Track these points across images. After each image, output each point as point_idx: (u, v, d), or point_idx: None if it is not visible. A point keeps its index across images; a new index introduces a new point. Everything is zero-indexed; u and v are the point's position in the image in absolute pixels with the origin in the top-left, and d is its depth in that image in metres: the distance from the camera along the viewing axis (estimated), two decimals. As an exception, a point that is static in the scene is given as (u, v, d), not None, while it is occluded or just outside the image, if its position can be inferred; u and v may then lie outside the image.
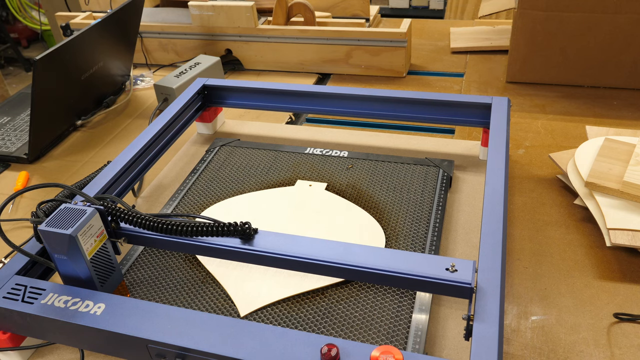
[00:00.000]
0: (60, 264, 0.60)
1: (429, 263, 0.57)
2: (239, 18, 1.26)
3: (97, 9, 1.54)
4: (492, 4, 1.37)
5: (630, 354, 0.60)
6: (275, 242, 0.62)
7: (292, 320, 0.64)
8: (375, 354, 0.49)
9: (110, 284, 0.64)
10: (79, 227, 0.58)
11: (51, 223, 0.58)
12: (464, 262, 0.57)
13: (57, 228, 0.57)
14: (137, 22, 1.20)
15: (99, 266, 0.62)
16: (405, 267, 0.57)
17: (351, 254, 0.59)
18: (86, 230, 0.59)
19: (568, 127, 1.02)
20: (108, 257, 0.63)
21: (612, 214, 0.73)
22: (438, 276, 0.56)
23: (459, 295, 0.56)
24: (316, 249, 0.60)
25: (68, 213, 0.59)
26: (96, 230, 0.61)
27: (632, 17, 1.03)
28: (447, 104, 0.90)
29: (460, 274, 0.55)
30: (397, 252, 0.59)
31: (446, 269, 0.56)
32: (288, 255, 0.60)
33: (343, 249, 0.60)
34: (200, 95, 1.00)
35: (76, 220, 0.58)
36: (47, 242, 0.59)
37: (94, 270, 0.61)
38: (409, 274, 0.57)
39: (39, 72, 0.91)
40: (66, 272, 0.61)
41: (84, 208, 0.60)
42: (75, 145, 1.09)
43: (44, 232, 0.58)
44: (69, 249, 0.58)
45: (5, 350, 0.62)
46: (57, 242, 0.58)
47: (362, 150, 0.98)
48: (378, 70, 1.25)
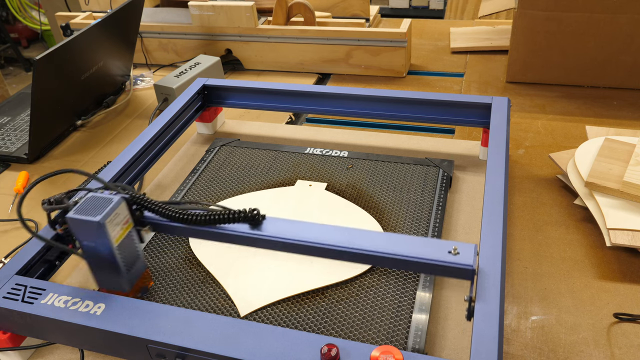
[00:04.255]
0: (87, 251, 0.61)
1: (432, 246, 0.58)
2: (239, 18, 1.26)
3: (97, 9, 1.54)
4: (492, 4, 1.37)
5: (630, 354, 0.60)
6: (283, 227, 0.62)
7: (292, 320, 0.64)
8: (375, 354, 0.49)
9: (135, 271, 0.65)
10: (106, 215, 0.58)
11: (79, 211, 0.59)
12: (465, 245, 0.58)
13: (85, 215, 0.58)
14: (137, 22, 1.20)
15: (125, 253, 0.63)
16: (409, 250, 0.58)
17: (356, 238, 0.60)
18: (113, 218, 0.59)
19: (568, 127, 1.02)
20: (133, 244, 0.64)
21: (612, 214, 0.73)
22: (441, 259, 0.57)
23: (460, 276, 0.57)
24: (322, 233, 0.61)
25: (95, 201, 0.60)
26: (122, 218, 0.61)
27: (632, 17, 1.03)
28: (447, 104, 0.90)
29: (462, 256, 0.56)
30: (401, 237, 0.60)
31: (448, 252, 0.57)
32: (295, 239, 0.61)
33: (348, 234, 0.61)
34: (200, 95, 1.00)
35: (104, 208, 0.59)
36: (75, 229, 0.60)
37: (120, 257, 0.62)
38: (413, 256, 0.57)
39: (39, 72, 0.91)
40: (93, 259, 0.62)
41: (111, 197, 0.61)
42: (75, 145, 1.09)
43: (72, 220, 0.59)
44: (97, 236, 0.59)
45: (5, 350, 0.62)
46: (85, 229, 0.59)
47: (362, 150, 0.98)
48: (378, 70, 1.25)
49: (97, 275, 0.64)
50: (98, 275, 0.64)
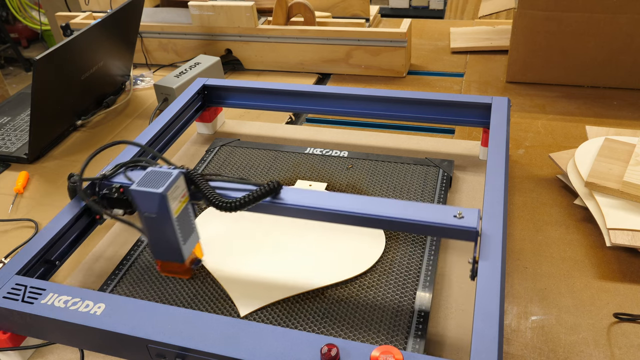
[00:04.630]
0: (148, 223, 0.63)
1: (439, 212, 0.63)
2: (239, 18, 1.26)
3: (97, 9, 1.54)
4: (492, 4, 1.37)
5: (630, 354, 0.60)
6: (300, 196, 0.67)
7: (292, 320, 0.64)
8: (375, 354, 0.49)
9: (191, 243, 0.67)
10: (168, 187, 0.61)
11: (141, 184, 0.61)
12: (469, 210, 0.63)
13: (148, 188, 0.61)
14: (137, 22, 1.20)
15: (183, 225, 0.65)
16: (418, 215, 0.63)
17: (367, 204, 0.65)
18: (173, 190, 0.62)
19: (568, 127, 1.02)
20: (189, 217, 0.66)
21: (612, 214, 0.73)
22: (447, 222, 0.62)
23: (465, 238, 0.62)
24: (335, 201, 0.66)
25: (155, 175, 0.63)
26: (181, 191, 0.64)
27: (632, 17, 1.03)
28: (447, 104, 0.90)
29: (466, 220, 0.61)
30: (411, 203, 0.65)
31: (454, 216, 0.62)
32: (311, 206, 0.65)
33: (360, 201, 0.65)
34: (200, 95, 1.00)
35: (165, 181, 0.61)
36: (138, 202, 0.62)
37: (179, 229, 0.64)
38: (422, 220, 0.62)
39: (39, 72, 0.91)
40: (153, 231, 0.64)
41: (170, 171, 0.63)
42: (75, 145, 1.09)
43: (135, 192, 0.61)
44: (158, 207, 0.61)
45: (5, 350, 0.62)
46: (148, 200, 0.61)
47: (362, 150, 0.98)
48: (378, 70, 1.25)
49: (155, 247, 0.66)
50: (155, 247, 0.66)
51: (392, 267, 0.71)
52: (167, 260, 0.67)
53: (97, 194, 0.73)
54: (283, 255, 0.74)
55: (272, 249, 0.75)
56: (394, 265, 0.71)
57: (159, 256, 0.67)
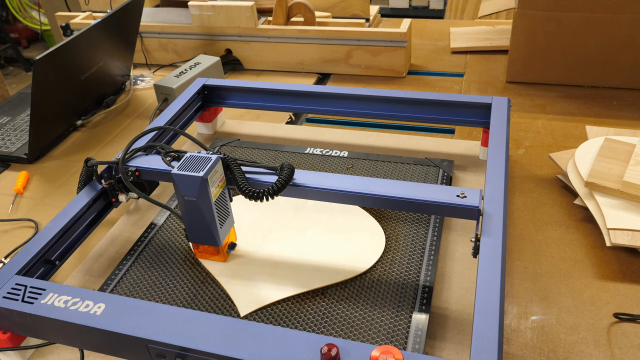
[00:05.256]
0: (188, 206, 0.65)
1: (442, 191, 0.66)
2: (239, 18, 1.26)
3: (97, 9, 1.54)
4: (492, 4, 1.37)
5: (630, 354, 0.60)
6: (310, 177, 0.70)
7: (292, 320, 0.64)
8: (375, 354, 0.49)
9: (226, 227, 0.70)
10: (208, 171, 0.63)
11: (182, 168, 0.64)
12: (471, 190, 0.65)
13: (189, 171, 0.63)
14: (137, 22, 1.20)
15: (220, 209, 0.67)
16: (422, 194, 0.66)
17: (374, 185, 0.68)
18: (213, 174, 0.64)
19: (568, 127, 1.02)
20: (226, 201, 0.69)
21: (612, 214, 0.73)
22: (450, 201, 0.64)
23: (468, 216, 0.64)
24: (343, 182, 0.69)
25: (195, 160, 0.65)
26: (219, 176, 0.66)
27: (632, 17, 1.03)
28: (447, 104, 0.90)
29: (469, 199, 0.64)
30: (415, 184, 0.68)
31: (457, 196, 0.65)
32: (321, 187, 0.68)
33: (368, 182, 0.69)
34: (200, 95, 1.00)
35: (205, 166, 0.64)
36: (179, 185, 0.64)
37: (217, 212, 0.66)
38: (426, 199, 0.65)
39: (39, 72, 0.91)
40: (191, 214, 0.66)
41: (209, 156, 0.66)
42: (75, 145, 1.09)
43: (177, 176, 0.64)
44: (199, 190, 0.63)
45: (5, 350, 0.62)
46: (189, 184, 0.63)
47: (362, 150, 0.98)
48: (378, 70, 1.25)
49: (191, 231, 0.69)
50: (192, 231, 0.68)
51: (392, 267, 0.71)
52: (203, 244, 0.70)
53: (114, 177, 0.75)
54: (283, 255, 0.74)
55: (272, 249, 0.75)
56: (394, 265, 0.71)
57: (194, 240, 0.70)
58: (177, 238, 0.79)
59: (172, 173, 0.64)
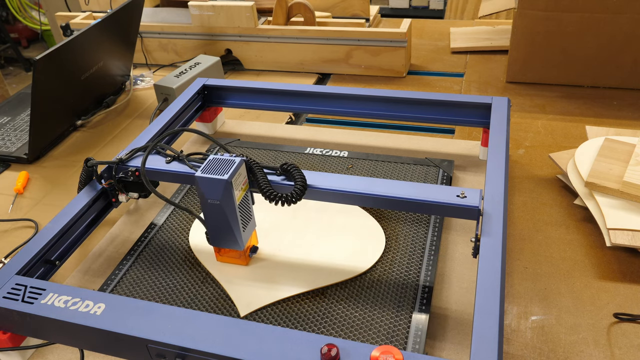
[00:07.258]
0: (211, 209, 0.65)
1: (442, 191, 0.66)
2: (239, 18, 1.26)
3: (97, 9, 1.54)
4: (492, 4, 1.37)
5: (630, 354, 0.60)
6: (310, 178, 0.69)
7: (292, 320, 0.64)
8: (375, 354, 0.49)
9: (249, 230, 0.69)
10: (232, 174, 0.62)
11: (206, 171, 0.63)
12: (471, 190, 0.66)
13: (213, 174, 0.62)
14: (137, 22, 1.20)
15: (243, 212, 0.67)
16: (422, 194, 0.66)
17: (374, 185, 0.68)
18: (237, 177, 0.64)
19: (568, 127, 1.02)
20: (249, 205, 0.68)
21: (612, 214, 0.73)
22: (450, 201, 0.64)
23: (468, 216, 0.65)
24: (343, 182, 0.69)
25: (218, 163, 0.64)
26: (243, 178, 0.66)
27: (632, 17, 1.03)
28: (447, 104, 0.90)
29: (469, 199, 0.64)
30: (413, 184, 0.68)
31: (457, 196, 0.65)
32: (324, 188, 0.68)
33: (368, 182, 0.69)
34: (200, 95, 1.00)
35: (229, 168, 0.63)
36: (203, 188, 0.63)
37: (240, 216, 0.65)
38: (426, 199, 0.65)
39: (39, 72, 0.91)
40: (214, 217, 0.65)
41: (233, 158, 0.65)
42: (75, 145, 1.09)
43: (201, 179, 0.62)
44: (223, 193, 0.62)
45: (5, 350, 0.62)
46: (213, 187, 0.62)
47: (362, 150, 0.98)
48: (378, 70, 1.25)
49: (213, 234, 0.68)
50: (214, 234, 0.68)
51: (392, 267, 0.71)
52: (225, 247, 0.69)
53: (114, 177, 0.75)
54: (283, 255, 0.74)
55: (272, 249, 0.75)
56: (394, 265, 0.71)
57: (216, 243, 0.69)
58: (177, 238, 0.79)
59: (195, 176, 0.63)
